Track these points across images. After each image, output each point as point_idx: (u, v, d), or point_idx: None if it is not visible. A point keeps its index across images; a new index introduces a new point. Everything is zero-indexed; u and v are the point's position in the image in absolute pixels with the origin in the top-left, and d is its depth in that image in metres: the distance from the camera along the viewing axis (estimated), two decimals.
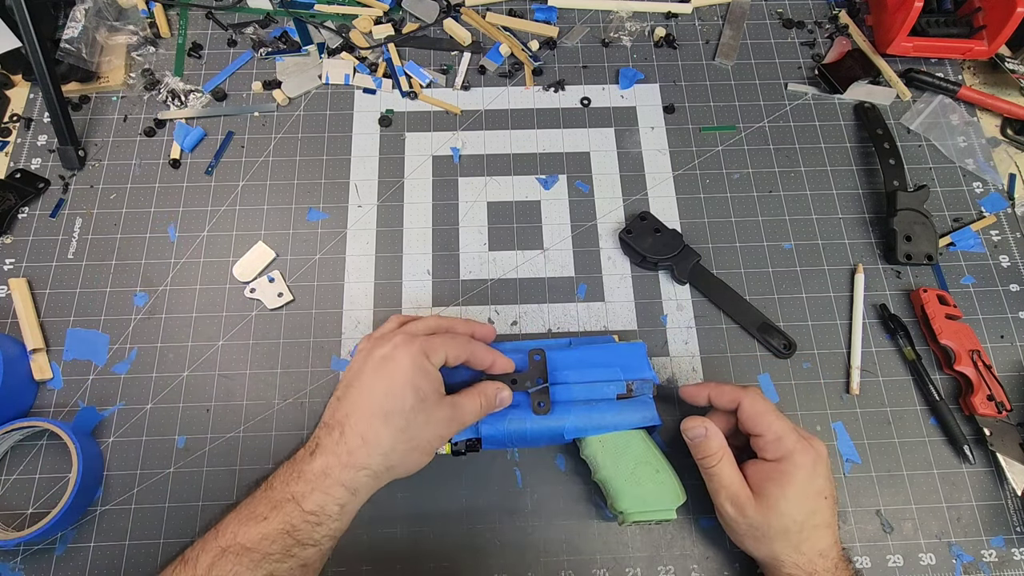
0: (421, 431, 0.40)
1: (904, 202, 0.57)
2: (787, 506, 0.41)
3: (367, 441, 0.39)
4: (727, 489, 0.43)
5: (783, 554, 0.42)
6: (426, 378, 0.40)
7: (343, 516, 0.39)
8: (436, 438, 0.42)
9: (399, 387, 0.39)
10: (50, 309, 0.54)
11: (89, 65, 0.62)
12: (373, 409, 0.39)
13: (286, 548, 0.36)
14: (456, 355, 0.43)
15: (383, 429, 0.39)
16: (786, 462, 0.42)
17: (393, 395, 0.39)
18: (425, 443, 0.41)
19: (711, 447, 0.44)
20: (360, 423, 0.39)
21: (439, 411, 0.41)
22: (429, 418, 0.40)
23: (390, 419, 0.39)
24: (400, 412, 0.39)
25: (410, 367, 0.40)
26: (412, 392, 0.39)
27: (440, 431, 0.42)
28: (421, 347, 0.41)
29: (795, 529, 0.41)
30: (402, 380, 0.39)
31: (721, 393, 0.46)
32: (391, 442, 0.39)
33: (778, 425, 0.43)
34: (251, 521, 0.37)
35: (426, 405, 0.40)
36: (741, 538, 0.44)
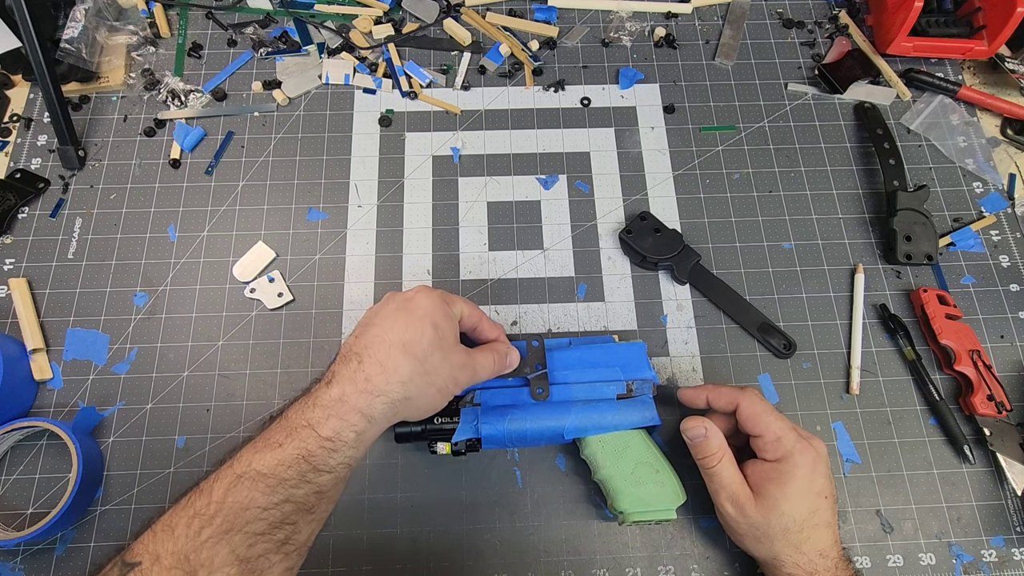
0: (438, 367, 0.40)
1: (904, 202, 0.57)
2: (787, 506, 0.41)
3: (386, 368, 0.38)
4: (727, 489, 0.43)
5: (783, 554, 0.42)
6: (445, 319, 0.41)
7: (359, 443, 0.38)
8: (451, 380, 0.42)
9: (419, 321, 0.40)
10: (50, 309, 0.54)
11: (89, 65, 0.62)
12: (392, 340, 0.39)
13: (301, 474, 0.36)
14: (470, 314, 0.44)
15: (402, 358, 0.39)
16: (786, 462, 0.42)
17: (412, 328, 0.40)
18: (441, 381, 0.41)
19: (711, 447, 0.44)
20: (379, 352, 0.39)
21: (455, 354, 0.41)
22: (446, 356, 0.41)
23: (409, 349, 0.39)
24: (418, 343, 0.39)
25: (430, 306, 0.41)
26: (431, 327, 0.40)
27: (455, 374, 0.42)
28: (441, 295, 0.43)
29: (795, 529, 0.41)
30: (422, 315, 0.40)
31: (719, 395, 0.46)
32: (409, 372, 0.39)
33: (777, 425, 0.43)
34: (267, 449, 0.37)
35: (444, 343, 0.40)
36: (741, 538, 0.44)
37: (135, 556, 0.33)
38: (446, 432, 0.46)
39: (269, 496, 0.35)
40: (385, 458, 0.50)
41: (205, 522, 0.34)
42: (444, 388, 0.42)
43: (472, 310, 0.45)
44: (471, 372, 0.43)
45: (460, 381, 0.42)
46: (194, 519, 0.34)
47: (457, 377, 0.42)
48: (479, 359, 0.44)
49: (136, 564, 0.33)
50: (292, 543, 0.36)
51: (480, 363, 0.44)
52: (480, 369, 0.44)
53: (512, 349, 0.47)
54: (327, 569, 0.47)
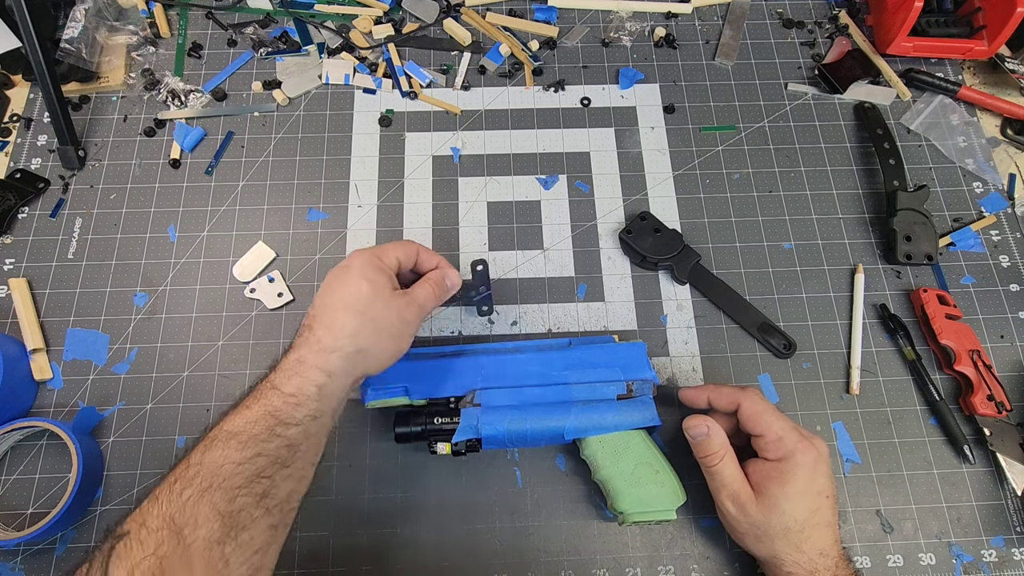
0: (382, 313, 0.42)
1: (904, 202, 0.57)
2: (788, 505, 0.41)
3: (332, 328, 0.41)
4: (728, 488, 0.43)
5: (784, 553, 0.42)
6: (377, 271, 0.43)
7: (322, 397, 0.41)
8: (400, 321, 0.43)
9: (353, 281, 0.42)
10: (50, 309, 0.54)
11: (89, 65, 0.62)
12: (334, 303, 0.42)
13: (270, 428, 0.38)
14: (406, 255, 0.46)
15: (345, 316, 0.42)
16: (787, 461, 0.42)
17: (349, 288, 0.42)
18: (390, 325, 0.43)
19: (713, 446, 0.44)
20: (325, 317, 0.42)
21: (394, 298, 0.43)
22: (387, 304, 0.43)
23: (349, 306, 0.42)
24: (356, 298, 0.42)
25: (361, 265, 0.43)
26: (366, 283, 0.42)
27: (403, 315, 0.43)
28: (372, 251, 0.45)
29: (796, 528, 0.41)
30: (356, 275, 0.43)
31: (720, 395, 0.46)
32: (355, 325, 0.41)
33: (778, 425, 0.43)
34: (235, 413, 0.39)
35: (381, 293, 0.43)
36: (742, 537, 0.44)
37: (123, 528, 0.35)
38: (446, 432, 0.46)
39: (242, 451, 0.37)
40: (385, 458, 0.50)
41: (185, 484, 0.36)
42: (396, 331, 0.43)
43: (406, 251, 0.46)
44: (416, 308, 0.44)
45: (409, 319, 0.44)
46: (175, 483, 0.36)
47: (405, 317, 0.44)
48: (418, 293, 0.45)
49: (124, 534, 0.34)
50: (271, 497, 0.37)
51: (420, 296, 0.45)
52: (423, 300, 0.45)
53: (450, 271, 0.48)
54: (327, 569, 0.47)
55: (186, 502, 0.35)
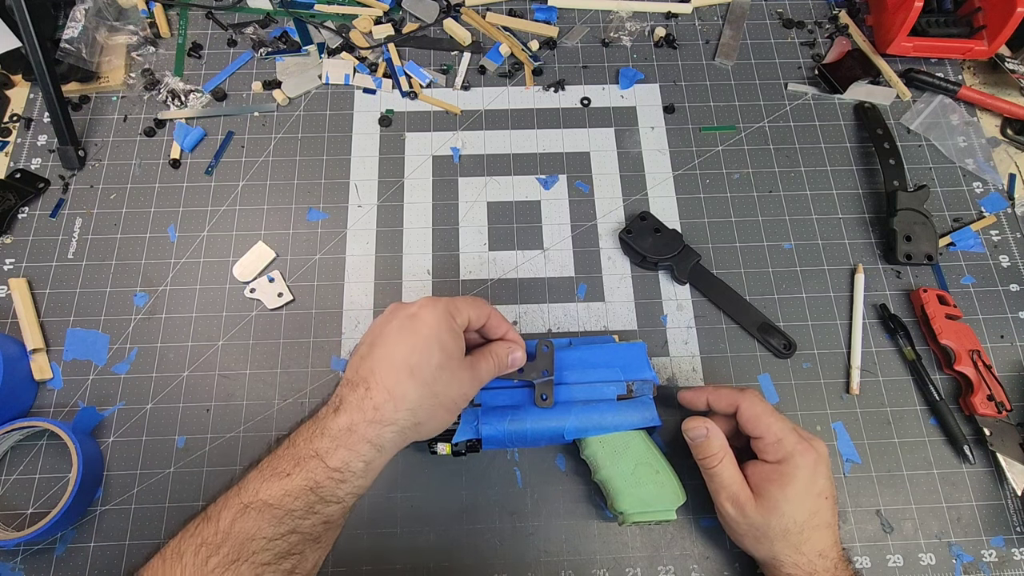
0: (447, 388, 0.40)
1: (904, 202, 0.57)
2: (788, 507, 0.41)
3: (394, 396, 0.38)
4: (728, 489, 0.43)
5: (783, 554, 0.42)
6: (452, 336, 0.40)
7: (368, 473, 0.38)
8: (460, 396, 0.41)
9: (425, 343, 0.38)
10: (50, 309, 0.54)
11: (89, 65, 0.62)
12: (399, 364, 0.38)
13: (309, 505, 0.36)
14: (478, 316, 0.43)
15: (410, 384, 0.38)
16: (787, 463, 0.42)
17: (419, 350, 0.38)
18: (450, 401, 0.41)
19: (712, 447, 0.44)
20: (387, 378, 0.38)
21: (462, 371, 0.40)
22: (454, 375, 0.40)
23: (416, 374, 0.38)
24: (427, 367, 0.38)
25: (436, 324, 0.39)
26: (439, 348, 0.39)
27: (464, 389, 0.41)
28: (446, 307, 0.40)
29: (795, 530, 0.41)
30: (428, 336, 0.39)
31: (719, 397, 0.46)
32: (418, 398, 0.38)
33: (778, 427, 0.43)
34: (274, 478, 0.36)
35: (452, 363, 0.39)
36: (741, 538, 0.44)
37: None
38: (446, 432, 0.46)
39: (276, 527, 0.35)
40: None
41: (212, 551, 0.34)
42: (453, 406, 0.42)
43: (479, 311, 0.43)
44: (477, 382, 0.42)
45: (469, 394, 0.42)
46: (201, 547, 0.34)
47: (466, 392, 0.42)
48: (482, 367, 0.42)
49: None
50: (298, 572, 0.36)
51: (483, 369, 0.43)
52: (484, 375, 0.43)
53: (517, 347, 0.45)
54: (327, 569, 0.47)
55: (211, 571, 0.34)
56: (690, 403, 0.48)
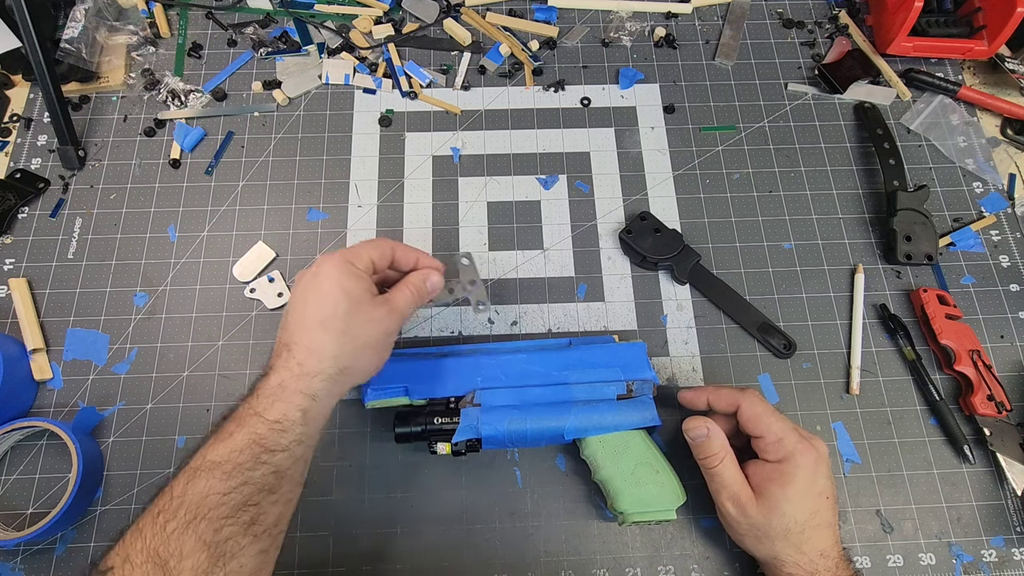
0: (363, 329, 0.41)
1: (904, 202, 0.57)
2: (789, 506, 0.41)
3: (312, 350, 0.40)
4: (728, 489, 0.43)
5: (784, 554, 0.42)
6: (354, 280, 0.41)
7: (308, 421, 0.40)
8: (381, 333, 0.42)
9: (329, 295, 0.40)
10: (50, 309, 0.54)
11: (89, 65, 0.62)
12: (310, 321, 0.40)
13: (255, 456, 0.37)
14: (380, 254, 0.44)
15: (324, 336, 0.40)
16: (788, 463, 0.42)
17: (325, 303, 0.40)
18: (372, 340, 0.42)
19: (713, 447, 0.44)
20: (303, 337, 0.40)
21: (375, 309, 0.41)
22: (368, 316, 0.41)
23: (328, 325, 0.40)
24: (335, 316, 0.40)
25: (336, 275, 0.41)
26: (343, 296, 0.40)
27: (383, 326, 0.42)
28: (343, 256, 0.42)
29: (796, 529, 0.41)
30: (330, 287, 0.40)
31: (719, 397, 0.46)
32: (336, 346, 0.40)
33: (778, 426, 0.43)
34: (218, 441, 0.38)
35: (361, 305, 0.41)
36: (742, 537, 0.44)
37: (107, 563, 0.34)
38: (446, 432, 0.46)
39: (227, 481, 0.36)
40: (385, 458, 0.50)
41: (169, 516, 0.35)
42: (377, 344, 0.42)
43: (380, 250, 0.44)
44: (396, 316, 0.43)
45: (390, 329, 0.43)
46: (158, 516, 0.35)
47: (387, 328, 0.42)
48: (398, 299, 0.43)
49: (108, 569, 0.34)
50: (259, 524, 0.37)
51: (400, 302, 0.43)
52: (403, 306, 0.43)
53: (432, 272, 0.46)
54: (327, 569, 0.47)
55: (170, 535, 0.34)
56: (690, 403, 0.48)
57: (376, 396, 0.48)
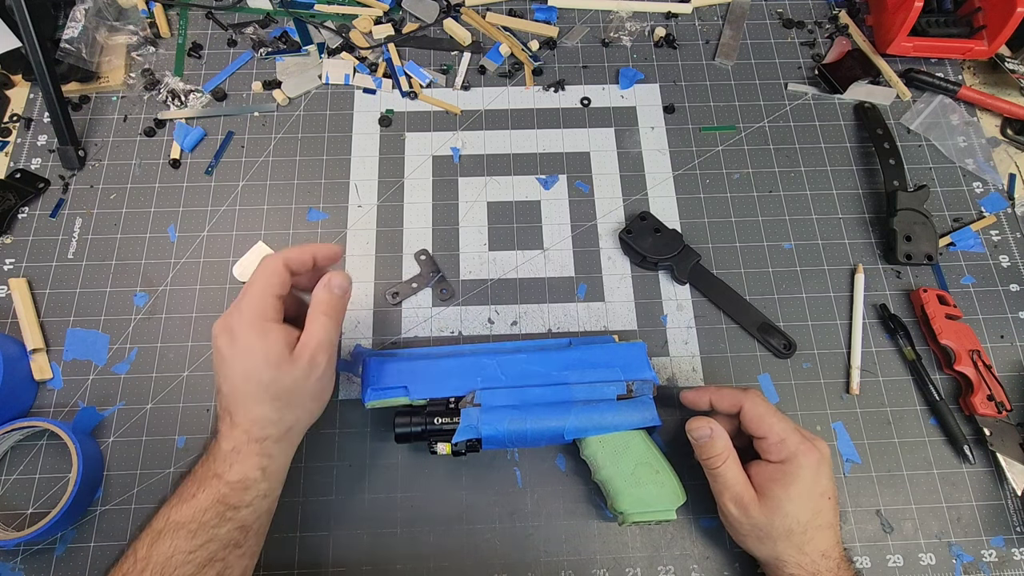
0: (294, 388, 0.41)
1: (904, 202, 0.57)
2: (791, 507, 0.41)
3: (253, 420, 0.40)
4: (731, 490, 0.43)
5: (786, 554, 0.42)
6: (269, 339, 0.40)
7: (268, 477, 0.41)
8: (314, 383, 0.42)
9: (251, 365, 0.40)
10: (50, 309, 0.54)
11: (89, 65, 0.62)
12: (242, 395, 0.40)
13: (220, 514, 0.38)
14: (280, 282, 0.42)
15: (259, 408, 0.40)
16: (790, 463, 0.42)
17: (249, 375, 0.40)
18: (307, 392, 0.42)
19: (716, 448, 0.44)
20: (240, 409, 0.41)
21: (296, 365, 0.40)
22: (293, 375, 0.40)
23: (259, 397, 0.40)
24: (263, 388, 0.40)
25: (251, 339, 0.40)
26: (264, 364, 0.40)
27: (313, 376, 0.41)
28: (252, 311, 0.40)
29: (799, 530, 0.41)
30: (250, 357, 0.40)
31: (722, 397, 0.46)
32: (273, 411, 0.40)
33: (780, 427, 0.43)
34: (181, 502, 0.39)
35: (282, 367, 0.40)
36: (744, 538, 0.44)
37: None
38: (446, 432, 0.46)
39: (192, 540, 0.37)
40: (385, 458, 0.50)
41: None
42: (314, 393, 0.43)
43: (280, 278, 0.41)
44: (323, 353, 0.41)
45: (320, 372, 0.41)
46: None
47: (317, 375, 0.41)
48: (316, 335, 0.41)
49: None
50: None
51: (319, 335, 0.41)
52: (325, 338, 0.41)
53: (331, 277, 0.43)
54: (327, 569, 0.47)
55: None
56: (693, 403, 0.48)
57: (376, 396, 0.48)
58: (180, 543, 0.37)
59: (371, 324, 0.55)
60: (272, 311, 0.41)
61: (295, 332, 0.42)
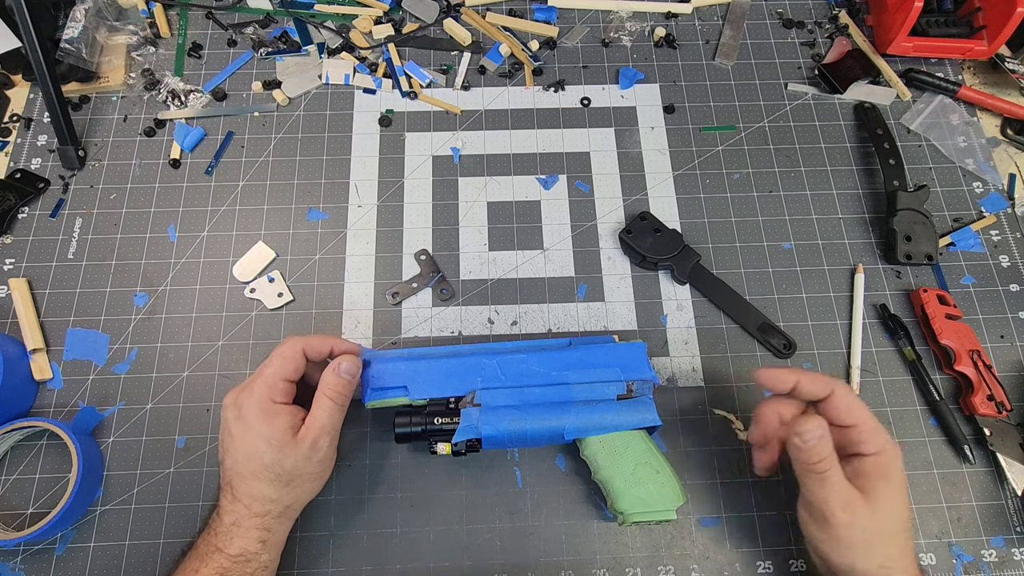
0: (295, 470, 0.42)
1: (904, 202, 0.57)
2: (894, 503, 0.39)
3: (254, 497, 0.41)
4: (840, 494, 0.39)
5: (891, 559, 0.38)
6: (275, 422, 0.41)
7: (268, 549, 0.42)
8: (315, 465, 0.43)
9: (253, 446, 0.41)
10: (50, 309, 0.54)
11: (89, 65, 0.62)
12: (244, 472, 0.42)
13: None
14: (295, 368, 0.43)
15: (260, 485, 0.41)
16: (884, 455, 0.39)
17: (251, 454, 0.41)
18: (307, 474, 0.43)
19: (826, 449, 0.39)
20: (241, 485, 0.42)
21: (299, 449, 0.41)
22: (295, 458, 0.41)
23: (260, 475, 0.41)
24: (264, 467, 0.41)
25: (257, 421, 0.41)
26: (267, 446, 0.41)
27: (315, 459, 0.42)
28: (261, 391, 0.42)
29: (901, 528, 0.39)
30: (253, 438, 0.41)
31: (813, 379, 0.42)
32: (273, 490, 0.42)
33: (870, 415, 0.40)
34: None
35: (285, 450, 0.41)
36: (848, 550, 0.39)
37: None
38: (446, 432, 0.46)
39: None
40: (385, 458, 0.50)
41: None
42: (313, 475, 0.43)
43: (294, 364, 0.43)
44: (326, 436, 0.42)
45: (322, 454, 0.43)
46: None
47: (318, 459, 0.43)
48: (320, 419, 0.42)
49: None
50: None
51: (323, 419, 0.42)
52: (328, 422, 0.43)
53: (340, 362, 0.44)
54: (327, 569, 0.47)
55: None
56: (773, 383, 0.42)
57: (376, 396, 0.48)
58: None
59: (371, 324, 0.55)
60: (281, 394, 0.43)
61: (301, 413, 0.43)
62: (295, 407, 0.43)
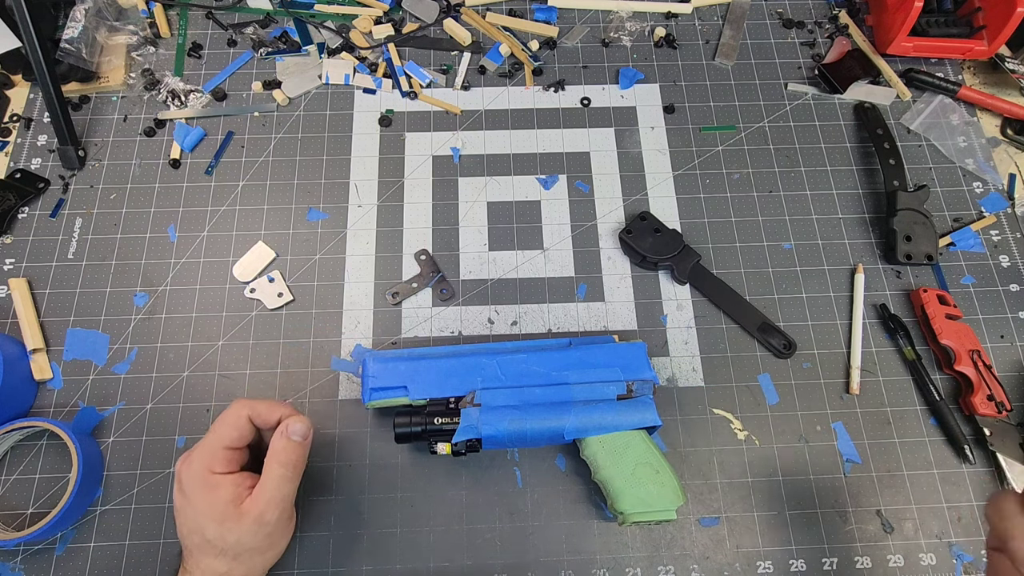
0: (241, 543, 0.40)
1: (904, 202, 0.57)
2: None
3: (204, 570, 0.40)
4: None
5: None
6: (215, 495, 0.40)
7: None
8: (263, 537, 0.41)
9: (195, 523, 0.40)
10: (50, 309, 0.54)
11: (89, 65, 0.62)
12: (190, 546, 0.41)
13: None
14: (240, 435, 0.42)
15: (206, 560, 0.40)
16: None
17: (194, 531, 0.40)
18: (255, 547, 0.41)
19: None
20: (190, 558, 0.41)
21: (242, 521, 0.40)
22: (239, 530, 0.40)
23: (204, 550, 0.40)
24: (207, 543, 0.40)
25: (197, 495, 0.40)
26: (206, 521, 0.39)
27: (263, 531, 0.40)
28: (201, 463, 0.40)
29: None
30: (194, 514, 0.40)
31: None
32: (222, 565, 0.40)
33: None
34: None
35: (226, 524, 0.39)
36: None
37: None
38: (446, 432, 0.46)
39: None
40: (385, 458, 0.50)
41: None
42: (269, 541, 0.41)
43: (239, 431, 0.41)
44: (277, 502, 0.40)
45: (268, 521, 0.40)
46: None
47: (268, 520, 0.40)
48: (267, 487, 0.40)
49: None
50: None
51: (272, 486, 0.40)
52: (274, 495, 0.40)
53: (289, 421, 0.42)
54: (327, 569, 0.47)
55: None
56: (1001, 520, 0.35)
57: (376, 396, 0.48)
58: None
59: (371, 324, 0.55)
60: (221, 463, 0.41)
61: (249, 481, 0.41)
62: (241, 475, 0.41)
